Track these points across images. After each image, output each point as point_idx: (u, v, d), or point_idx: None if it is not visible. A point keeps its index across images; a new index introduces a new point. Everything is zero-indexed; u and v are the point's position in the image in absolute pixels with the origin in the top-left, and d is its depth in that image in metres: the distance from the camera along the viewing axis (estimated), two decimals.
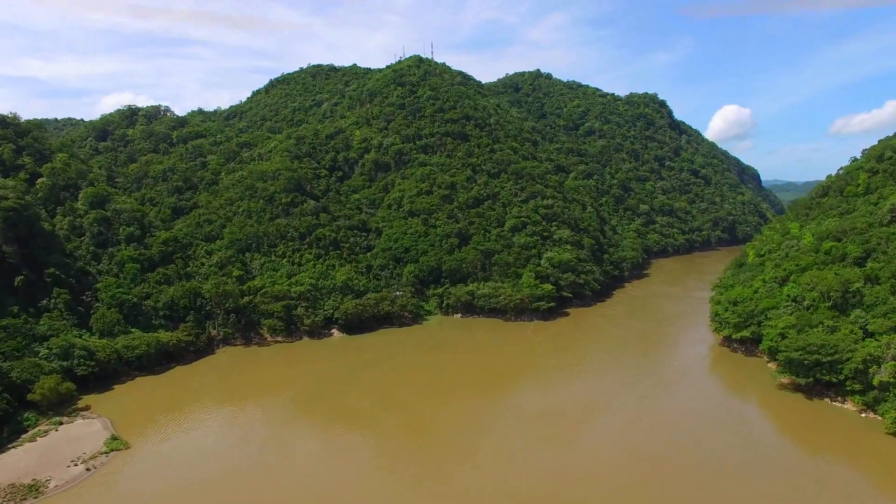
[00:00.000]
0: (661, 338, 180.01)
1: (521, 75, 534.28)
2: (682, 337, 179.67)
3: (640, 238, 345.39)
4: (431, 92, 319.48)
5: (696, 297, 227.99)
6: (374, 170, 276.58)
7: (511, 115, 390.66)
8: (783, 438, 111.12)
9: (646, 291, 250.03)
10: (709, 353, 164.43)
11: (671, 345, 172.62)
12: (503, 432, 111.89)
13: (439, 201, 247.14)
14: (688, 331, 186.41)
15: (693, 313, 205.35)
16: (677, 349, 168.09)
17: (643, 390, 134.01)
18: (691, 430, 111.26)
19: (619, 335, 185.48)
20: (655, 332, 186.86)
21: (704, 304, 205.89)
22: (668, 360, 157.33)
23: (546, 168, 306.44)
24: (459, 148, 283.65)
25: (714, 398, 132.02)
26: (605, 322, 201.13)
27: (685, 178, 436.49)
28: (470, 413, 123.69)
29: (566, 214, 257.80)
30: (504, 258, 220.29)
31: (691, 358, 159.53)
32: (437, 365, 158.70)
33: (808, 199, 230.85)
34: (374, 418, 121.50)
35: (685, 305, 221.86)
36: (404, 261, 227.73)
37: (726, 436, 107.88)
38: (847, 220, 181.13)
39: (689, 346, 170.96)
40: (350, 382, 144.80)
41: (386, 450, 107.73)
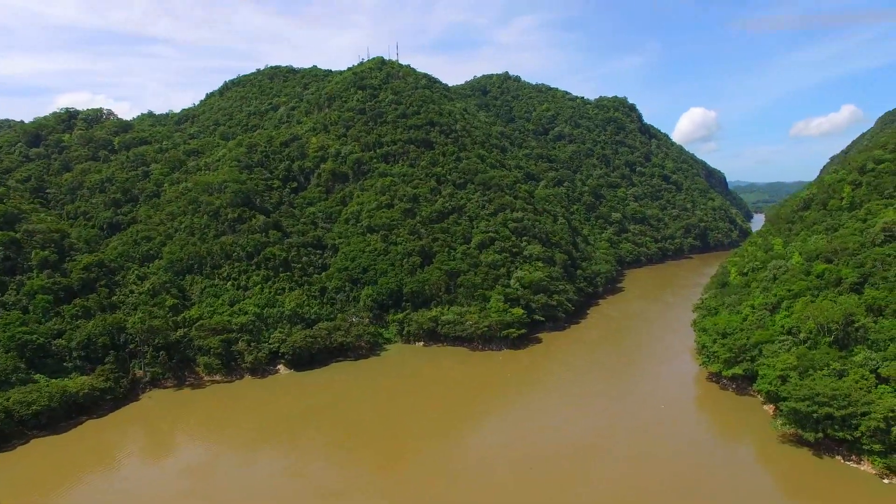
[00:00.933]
0: (641, 370, 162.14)
1: (489, 78, 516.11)
2: (664, 369, 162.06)
3: (612, 248, 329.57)
4: (394, 96, 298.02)
5: (676, 316, 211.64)
6: (331, 180, 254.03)
7: (479, 119, 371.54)
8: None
9: (622, 311, 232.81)
10: (695, 389, 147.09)
11: (653, 378, 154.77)
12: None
13: (400, 215, 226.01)
14: (670, 360, 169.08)
15: (674, 338, 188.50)
16: (660, 384, 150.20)
17: (625, 440, 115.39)
18: (683, 495, 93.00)
19: (596, 366, 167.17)
20: (635, 363, 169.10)
21: (685, 327, 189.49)
22: (651, 399, 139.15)
23: (515, 177, 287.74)
24: (423, 156, 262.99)
25: (706, 452, 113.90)
26: (581, 350, 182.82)
27: (656, 184, 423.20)
28: (433, 476, 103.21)
29: (537, 228, 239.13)
30: (470, 279, 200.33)
31: (677, 396, 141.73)
32: (395, 408, 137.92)
33: (790, 212, 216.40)
34: (321, 478, 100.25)
35: (665, 328, 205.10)
36: (362, 282, 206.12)
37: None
38: (837, 239, 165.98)
39: (673, 380, 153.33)
40: (294, 433, 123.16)
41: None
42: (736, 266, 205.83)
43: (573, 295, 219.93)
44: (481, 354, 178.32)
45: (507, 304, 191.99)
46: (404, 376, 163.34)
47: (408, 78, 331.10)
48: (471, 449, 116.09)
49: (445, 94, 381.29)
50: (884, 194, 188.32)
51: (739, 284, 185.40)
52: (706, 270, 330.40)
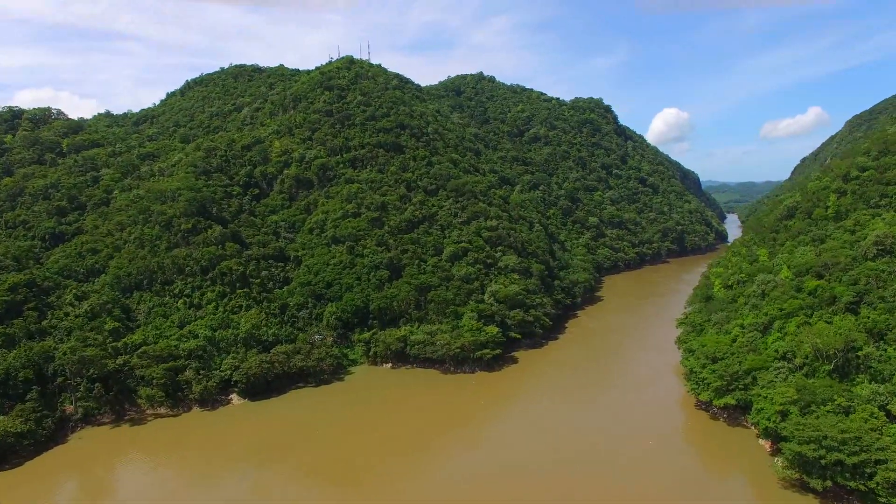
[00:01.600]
0: (625, 396, 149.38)
1: (463, 78, 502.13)
2: (649, 394, 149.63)
3: (590, 254, 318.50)
4: (363, 97, 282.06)
5: (658, 330, 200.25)
6: (295, 187, 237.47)
7: (452, 121, 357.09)
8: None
9: (601, 323, 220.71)
10: (684, 418, 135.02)
11: (638, 406, 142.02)
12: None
13: (368, 225, 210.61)
14: (655, 383, 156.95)
15: (657, 356, 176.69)
16: (646, 413, 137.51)
17: (609, 481, 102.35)
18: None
19: (576, 393, 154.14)
20: (618, 387, 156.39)
21: (668, 343, 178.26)
22: (636, 432, 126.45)
23: (489, 182, 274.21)
24: (393, 161, 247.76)
25: (699, 496, 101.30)
26: (559, 373, 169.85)
27: (633, 187, 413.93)
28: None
29: (512, 237, 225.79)
30: (442, 294, 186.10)
31: (665, 428, 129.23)
32: (356, 442, 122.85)
33: (774, 221, 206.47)
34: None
35: (647, 344, 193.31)
36: (326, 298, 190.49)
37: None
38: (827, 253, 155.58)
39: (659, 407, 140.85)
40: (244, 472, 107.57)
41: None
42: (720, 278, 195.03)
43: (551, 308, 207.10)
44: (453, 378, 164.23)
45: (481, 321, 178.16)
46: (368, 405, 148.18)
47: (378, 78, 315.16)
48: (435, 491, 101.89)
49: (417, 94, 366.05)
50: (870, 203, 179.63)
51: (725, 299, 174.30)
52: (685, 276, 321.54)
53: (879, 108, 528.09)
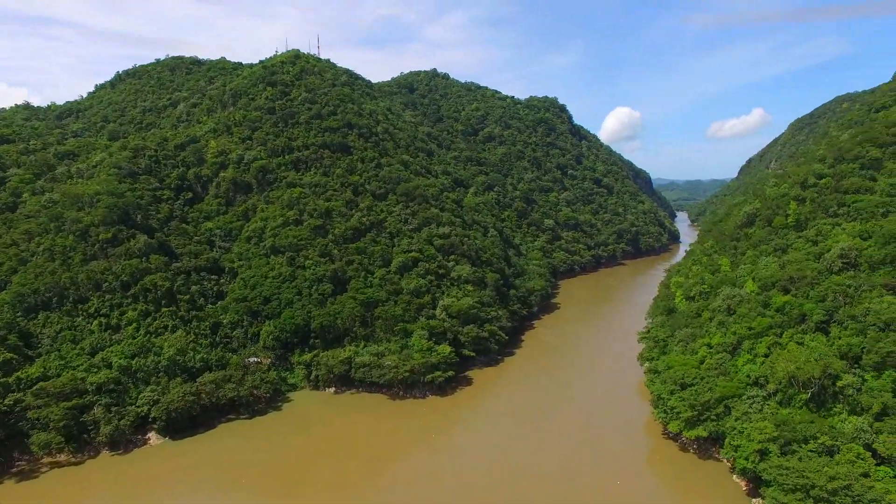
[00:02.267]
0: (587, 421, 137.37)
1: (417, 75, 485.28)
2: (613, 417, 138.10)
3: (546, 258, 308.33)
4: (308, 94, 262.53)
5: (618, 342, 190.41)
6: (232, 191, 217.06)
7: (404, 119, 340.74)
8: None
9: (559, 336, 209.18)
10: (651, 447, 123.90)
11: (602, 434, 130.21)
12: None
13: (310, 233, 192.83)
14: (618, 405, 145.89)
15: (618, 373, 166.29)
16: (611, 442, 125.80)
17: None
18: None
19: (534, 417, 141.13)
20: (579, 410, 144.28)
21: (629, 356, 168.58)
22: (602, 464, 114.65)
23: (442, 184, 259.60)
24: (339, 163, 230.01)
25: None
26: (516, 393, 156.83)
27: (588, 188, 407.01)
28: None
29: (465, 245, 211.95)
30: (390, 310, 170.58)
31: (631, 461, 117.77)
32: (292, 484, 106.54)
33: (734, 228, 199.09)
34: None
35: (607, 358, 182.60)
36: (263, 315, 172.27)
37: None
38: (792, 265, 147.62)
39: (623, 434, 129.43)
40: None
41: None
42: (681, 288, 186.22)
43: (506, 321, 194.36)
44: (402, 404, 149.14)
45: (432, 339, 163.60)
46: (307, 437, 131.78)
47: (325, 74, 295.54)
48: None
49: (368, 91, 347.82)
50: (829, 212, 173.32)
51: (688, 312, 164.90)
52: (641, 280, 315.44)
53: (819, 113, 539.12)
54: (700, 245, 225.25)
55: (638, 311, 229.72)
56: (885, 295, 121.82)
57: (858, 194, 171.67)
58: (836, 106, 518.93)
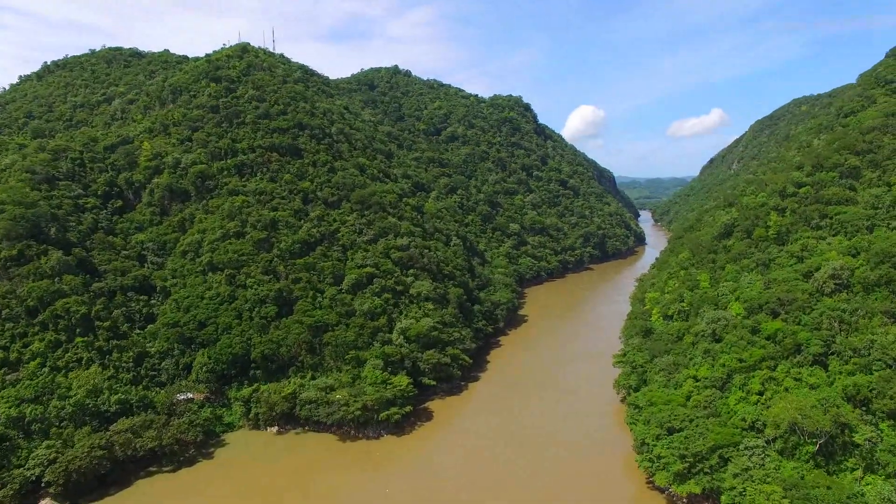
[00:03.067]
0: (562, 464, 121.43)
1: (378, 71, 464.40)
2: (591, 460, 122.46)
3: (511, 264, 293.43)
4: (255, 91, 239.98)
5: (591, 365, 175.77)
6: (168, 199, 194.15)
7: (363, 119, 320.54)
8: None
9: (527, 355, 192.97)
10: (635, 498, 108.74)
11: (580, 482, 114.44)
12: None
13: (253, 248, 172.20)
14: (596, 442, 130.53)
15: (593, 400, 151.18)
16: (590, 492, 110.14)
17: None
18: None
19: (501, 459, 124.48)
20: (553, 450, 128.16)
21: (605, 382, 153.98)
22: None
23: (402, 189, 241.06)
24: (288, 167, 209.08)
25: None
26: (481, 427, 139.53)
27: (554, 190, 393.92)
28: None
29: (426, 257, 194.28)
30: (341, 336, 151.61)
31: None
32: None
33: (711, 240, 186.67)
34: None
35: (579, 379, 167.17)
36: (198, 343, 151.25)
37: None
38: (779, 286, 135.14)
39: (603, 483, 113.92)
40: None
41: None
42: (658, 305, 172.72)
43: (470, 342, 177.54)
44: (353, 446, 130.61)
45: (388, 369, 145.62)
46: (239, 494, 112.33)
47: (276, 69, 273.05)
48: None
49: (324, 89, 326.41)
50: (811, 224, 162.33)
51: (668, 334, 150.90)
52: (609, 287, 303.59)
53: (778, 115, 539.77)
54: (675, 256, 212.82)
55: (609, 324, 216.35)
56: (889, 324, 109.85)
57: (840, 205, 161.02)
58: (794, 108, 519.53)
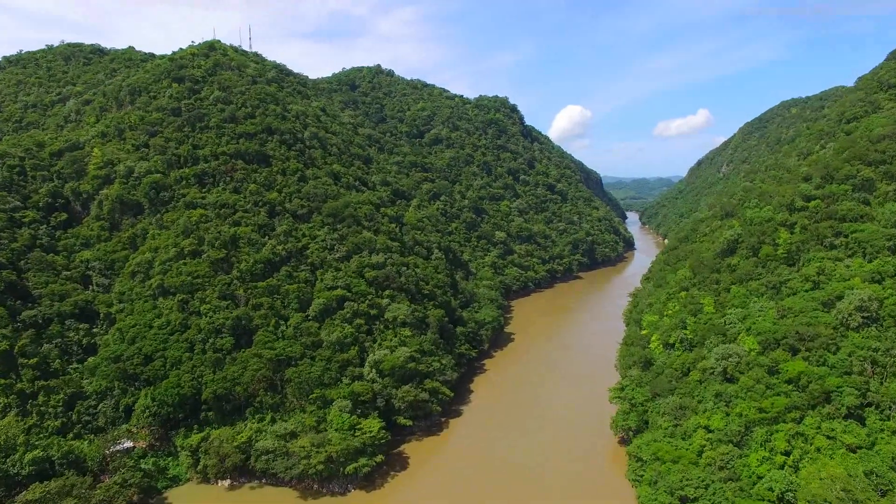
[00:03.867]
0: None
1: (359, 71, 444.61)
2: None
3: (497, 275, 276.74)
4: (221, 93, 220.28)
5: (582, 394, 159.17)
6: (119, 212, 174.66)
7: (341, 121, 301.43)
8: None
9: (514, 382, 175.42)
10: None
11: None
12: None
13: (210, 269, 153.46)
14: (595, 492, 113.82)
15: (586, 432, 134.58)
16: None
17: None
18: None
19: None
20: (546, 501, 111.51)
21: (598, 412, 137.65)
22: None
23: (380, 198, 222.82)
24: (254, 176, 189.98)
25: None
26: (462, 475, 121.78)
27: (541, 195, 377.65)
28: None
29: (404, 276, 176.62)
30: (305, 371, 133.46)
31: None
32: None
33: (713, 257, 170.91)
34: None
35: (571, 411, 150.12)
36: (143, 380, 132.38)
37: None
38: (797, 318, 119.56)
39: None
40: None
41: None
42: (657, 331, 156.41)
43: (452, 371, 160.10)
44: (316, 503, 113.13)
45: (357, 411, 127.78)
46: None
47: (246, 69, 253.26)
48: None
49: (301, 89, 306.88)
50: (824, 243, 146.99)
51: (671, 369, 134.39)
52: (600, 298, 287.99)
53: (767, 117, 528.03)
54: (672, 272, 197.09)
55: (601, 342, 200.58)
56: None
57: (856, 222, 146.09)
58: (783, 111, 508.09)
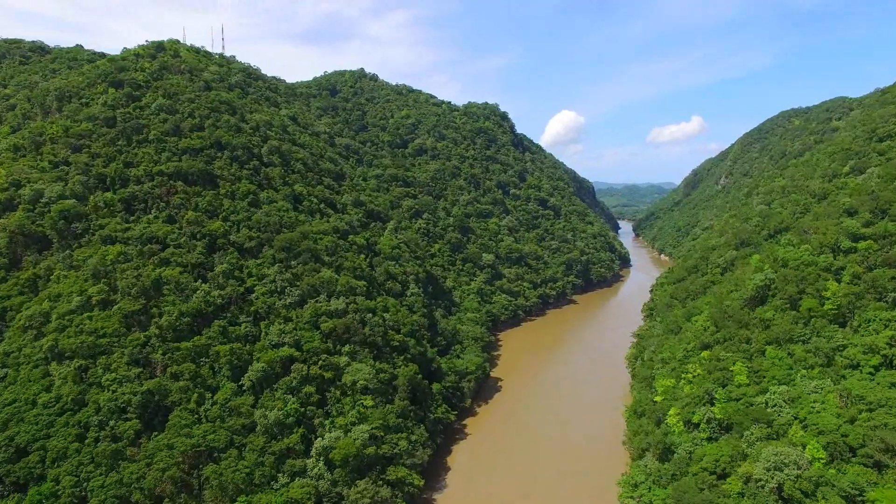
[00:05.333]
0: None
1: (341, 74, 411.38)
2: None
3: (484, 303, 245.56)
4: (166, 100, 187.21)
5: (584, 470, 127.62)
6: (21, 246, 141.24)
7: (313, 131, 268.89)
8: None
9: (499, 454, 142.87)
10: None
11: None
12: None
13: (121, 325, 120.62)
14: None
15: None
16: None
17: None
18: None
19: None
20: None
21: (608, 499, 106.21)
22: None
23: (349, 222, 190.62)
24: (197, 201, 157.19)
25: None
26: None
27: (533, 210, 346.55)
28: None
29: (369, 325, 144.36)
30: (228, 470, 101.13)
31: None
32: None
33: (739, 307, 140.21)
34: None
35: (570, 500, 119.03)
36: (8, 484, 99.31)
37: None
38: (876, 415, 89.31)
39: None
40: None
41: None
42: (676, 403, 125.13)
43: (423, 452, 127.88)
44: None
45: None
46: None
47: (202, 73, 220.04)
48: None
49: (270, 95, 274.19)
50: (885, 298, 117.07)
51: (703, 469, 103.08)
52: (596, 331, 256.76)
53: (767, 128, 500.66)
54: (684, 315, 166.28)
55: (603, 396, 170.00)
56: None
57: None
58: (783, 122, 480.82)
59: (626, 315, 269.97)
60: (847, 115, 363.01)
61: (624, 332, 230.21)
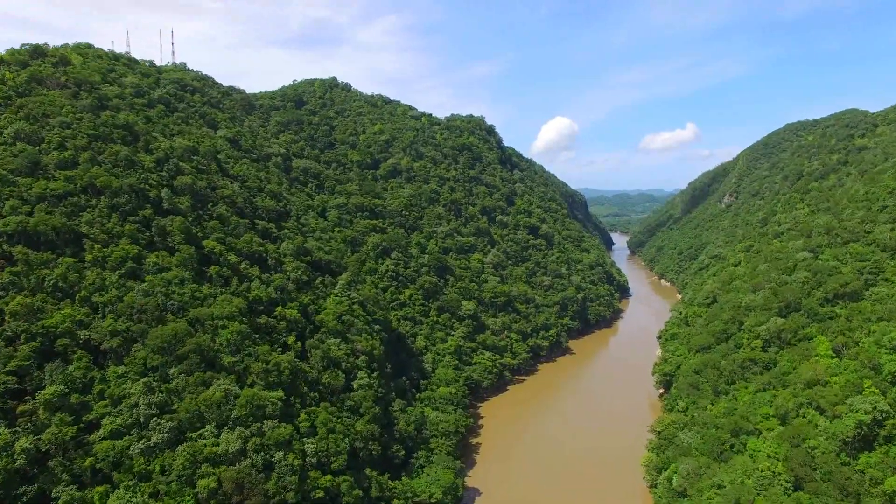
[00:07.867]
0: None
1: (310, 84, 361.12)
2: None
3: (463, 366, 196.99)
4: (29, 124, 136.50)
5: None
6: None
7: (264, 152, 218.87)
8: None
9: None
10: None
11: None
12: None
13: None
14: None
15: None
16: None
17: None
18: None
19: None
20: None
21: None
22: None
23: (278, 287, 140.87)
24: (43, 275, 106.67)
25: None
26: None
27: (522, 239, 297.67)
28: None
29: (279, 468, 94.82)
30: None
31: None
32: None
33: (833, 458, 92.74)
34: None
35: None
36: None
37: None
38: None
39: None
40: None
41: None
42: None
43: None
44: None
45: None
46: None
47: (102, 87, 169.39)
48: None
49: (210, 109, 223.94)
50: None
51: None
52: (598, 393, 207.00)
53: (774, 142, 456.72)
54: (740, 454, 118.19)
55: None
56: None
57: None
58: (791, 136, 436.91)
59: (632, 370, 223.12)
60: (872, 131, 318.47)
61: (631, 395, 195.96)
